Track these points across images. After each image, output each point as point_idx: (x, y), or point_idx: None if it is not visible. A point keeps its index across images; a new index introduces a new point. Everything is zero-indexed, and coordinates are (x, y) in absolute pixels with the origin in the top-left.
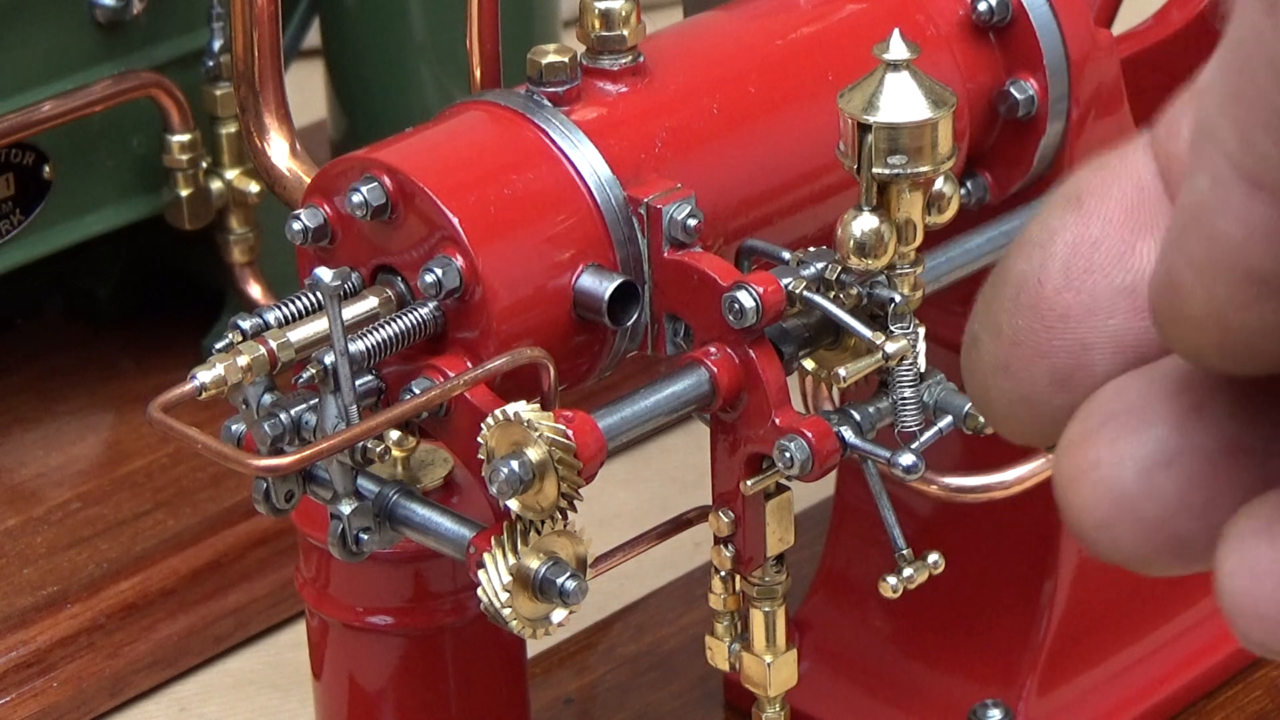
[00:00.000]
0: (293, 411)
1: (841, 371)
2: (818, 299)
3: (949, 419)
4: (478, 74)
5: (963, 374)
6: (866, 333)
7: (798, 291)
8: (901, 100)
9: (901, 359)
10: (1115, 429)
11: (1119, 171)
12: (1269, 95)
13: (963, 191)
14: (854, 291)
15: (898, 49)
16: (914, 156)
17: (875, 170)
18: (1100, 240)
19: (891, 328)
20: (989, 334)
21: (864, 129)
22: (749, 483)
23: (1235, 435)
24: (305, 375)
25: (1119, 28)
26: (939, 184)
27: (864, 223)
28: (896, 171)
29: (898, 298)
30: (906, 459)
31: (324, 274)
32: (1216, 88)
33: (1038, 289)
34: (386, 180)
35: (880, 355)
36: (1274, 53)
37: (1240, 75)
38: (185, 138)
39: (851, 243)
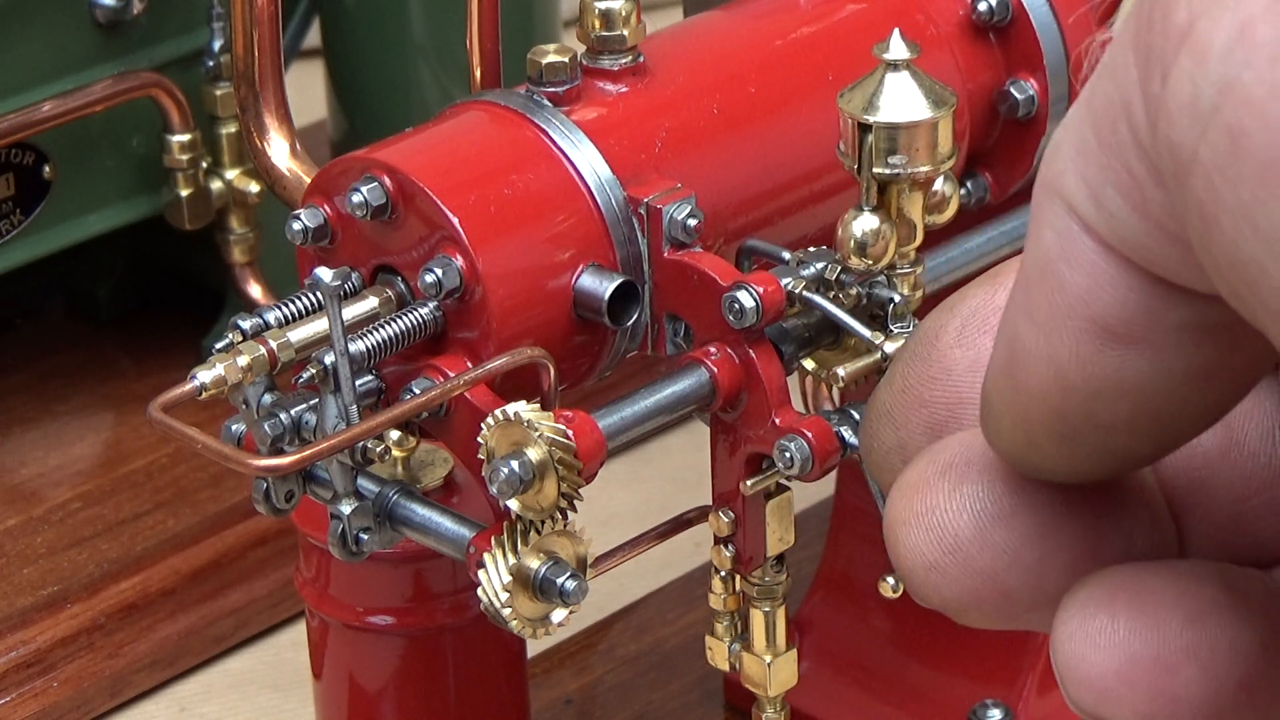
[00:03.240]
0: (293, 411)
1: (841, 371)
2: (817, 299)
3: None
4: (478, 74)
5: (862, 419)
6: (866, 333)
7: (798, 291)
8: (901, 100)
9: None
10: (955, 477)
11: None
12: (1123, 155)
13: (963, 191)
14: (854, 291)
15: (898, 49)
16: (914, 156)
17: (875, 170)
18: (1002, 308)
19: (891, 327)
20: (884, 381)
21: (864, 129)
22: (749, 483)
23: (1068, 499)
24: (305, 375)
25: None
26: (939, 184)
27: (864, 223)
28: (896, 171)
29: (898, 298)
30: None
31: (324, 274)
32: (1069, 142)
33: (932, 342)
34: (386, 180)
35: (880, 355)
36: (1134, 111)
37: (1096, 132)
38: (185, 138)
39: (852, 243)
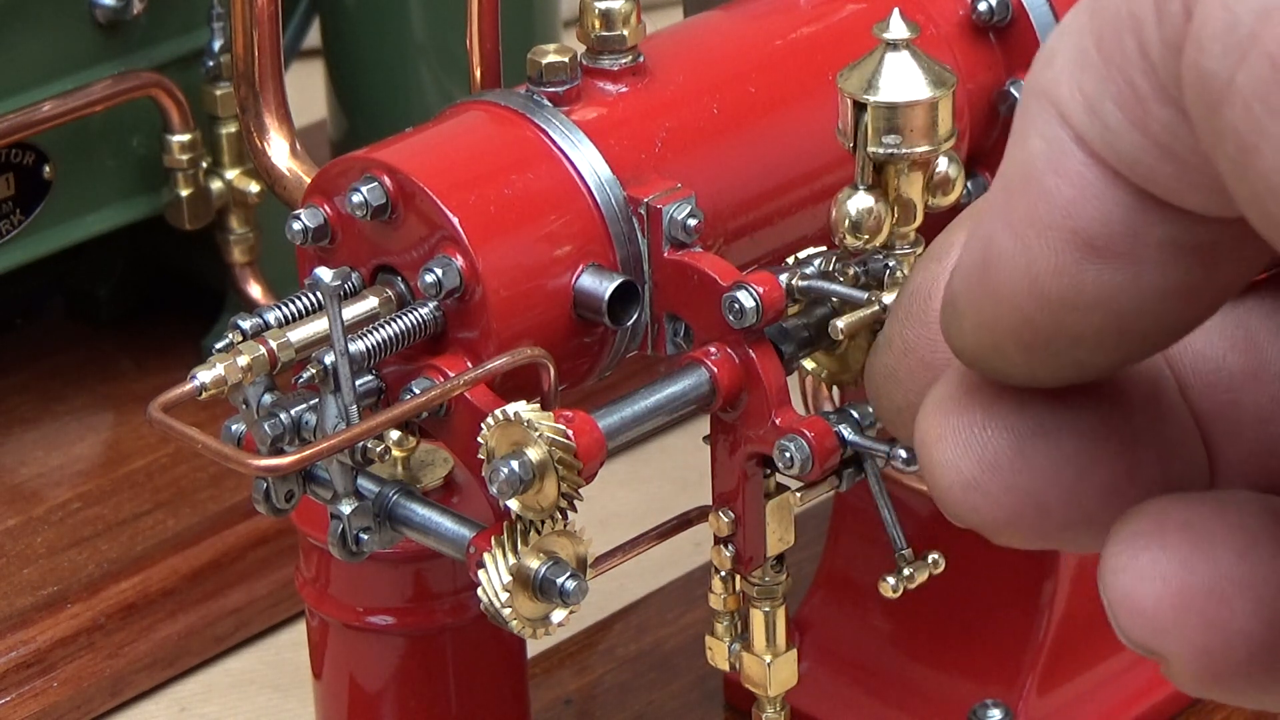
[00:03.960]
0: (293, 411)
1: (839, 323)
2: (812, 281)
3: None
4: (478, 74)
5: (865, 378)
6: (860, 295)
7: (794, 281)
8: (901, 79)
9: None
10: (991, 394)
11: None
12: (1127, 69)
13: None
14: (851, 271)
15: (897, 28)
16: (910, 136)
17: (871, 149)
18: None
19: (887, 287)
20: (884, 342)
21: (860, 108)
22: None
23: (1105, 419)
24: (305, 375)
25: None
26: (943, 165)
27: (859, 201)
28: (891, 151)
29: (893, 262)
30: (904, 450)
31: (324, 274)
32: (1066, 50)
33: (927, 302)
34: (386, 180)
35: (879, 306)
36: (1147, 31)
37: (1098, 43)
38: (185, 138)
39: (846, 221)
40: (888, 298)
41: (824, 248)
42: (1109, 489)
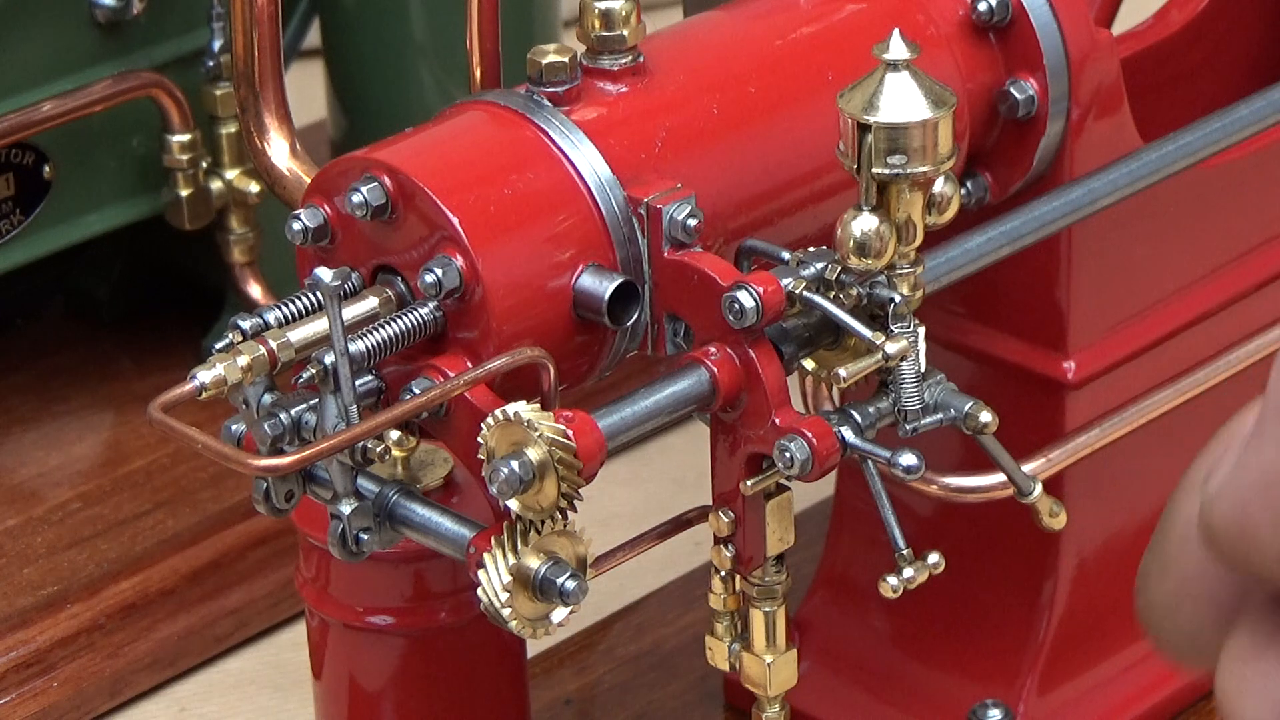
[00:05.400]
0: (293, 411)
1: (842, 372)
2: (817, 299)
3: (950, 412)
4: (478, 74)
5: (1138, 604)
6: (866, 333)
7: (797, 292)
8: (901, 100)
9: (902, 358)
10: None
11: None
12: None
13: (963, 191)
14: (854, 291)
15: (898, 49)
16: (914, 156)
17: (875, 170)
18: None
19: (892, 327)
20: (1159, 568)
21: (864, 129)
22: (749, 483)
23: None
24: (305, 375)
25: (1119, 28)
26: (939, 184)
27: (864, 223)
28: (896, 171)
29: (898, 298)
30: (906, 459)
31: (324, 274)
32: None
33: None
34: (386, 180)
35: (880, 355)
36: None
37: None
38: (185, 138)
39: (851, 243)
40: (892, 346)
41: (824, 248)
42: None
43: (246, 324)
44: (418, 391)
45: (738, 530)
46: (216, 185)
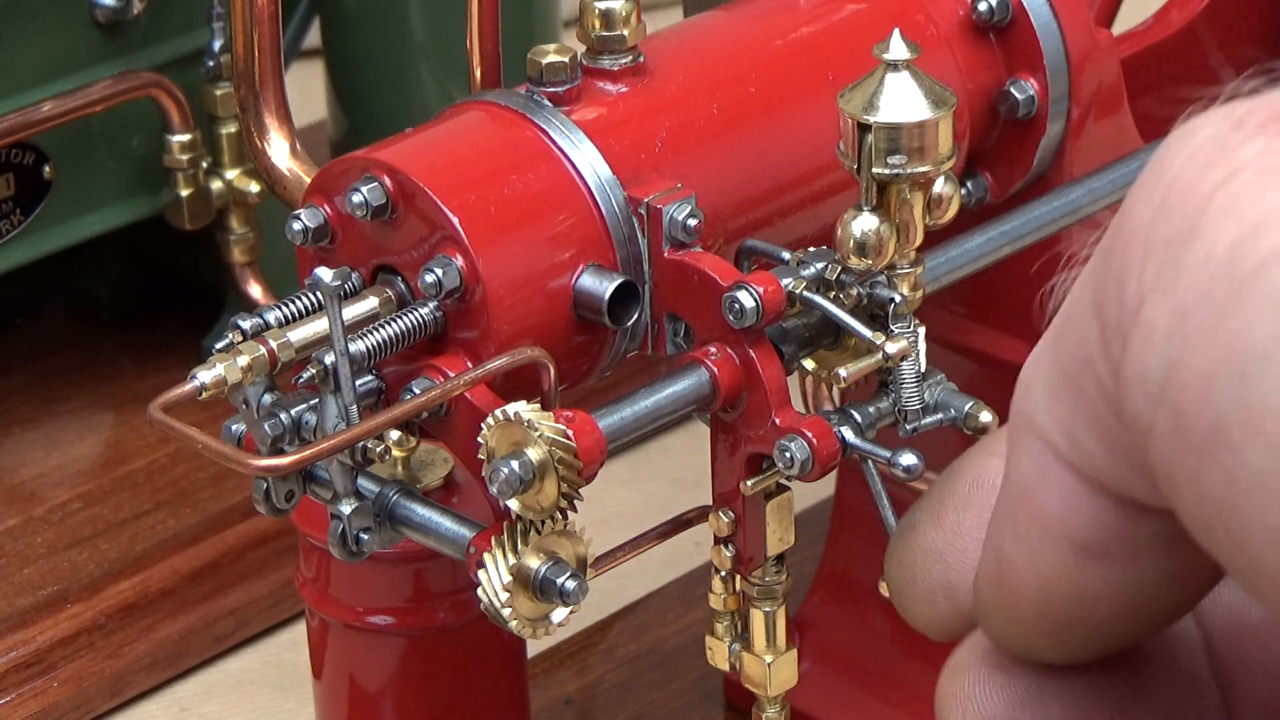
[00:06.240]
0: (293, 411)
1: (842, 372)
2: (818, 299)
3: (950, 412)
4: (478, 74)
5: (888, 556)
6: (866, 333)
7: (798, 292)
8: (901, 100)
9: (902, 358)
10: (993, 662)
11: None
12: (1089, 400)
13: (963, 191)
14: (854, 291)
15: (898, 49)
16: (914, 156)
17: (875, 170)
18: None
19: (892, 328)
20: (930, 522)
21: (864, 129)
22: (749, 483)
23: (1102, 679)
24: (305, 375)
25: (1119, 28)
26: (939, 184)
27: (864, 223)
28: (896, 171)
29: (897, 298)
30: (906, 459)
31: (324, 274)
32: (1040, 383)
33: (991, 491)
34: (386, 180)
35: (880, 355)
36: (1099, 368)
37: (1064, 378)
38: (185, 138)
39: (851, 243)
40: (892, 346)
41: (824, 248)
42: None
43: (246, 324)
44: (418, 391)
45: (738, 530)
46: (216, 185)
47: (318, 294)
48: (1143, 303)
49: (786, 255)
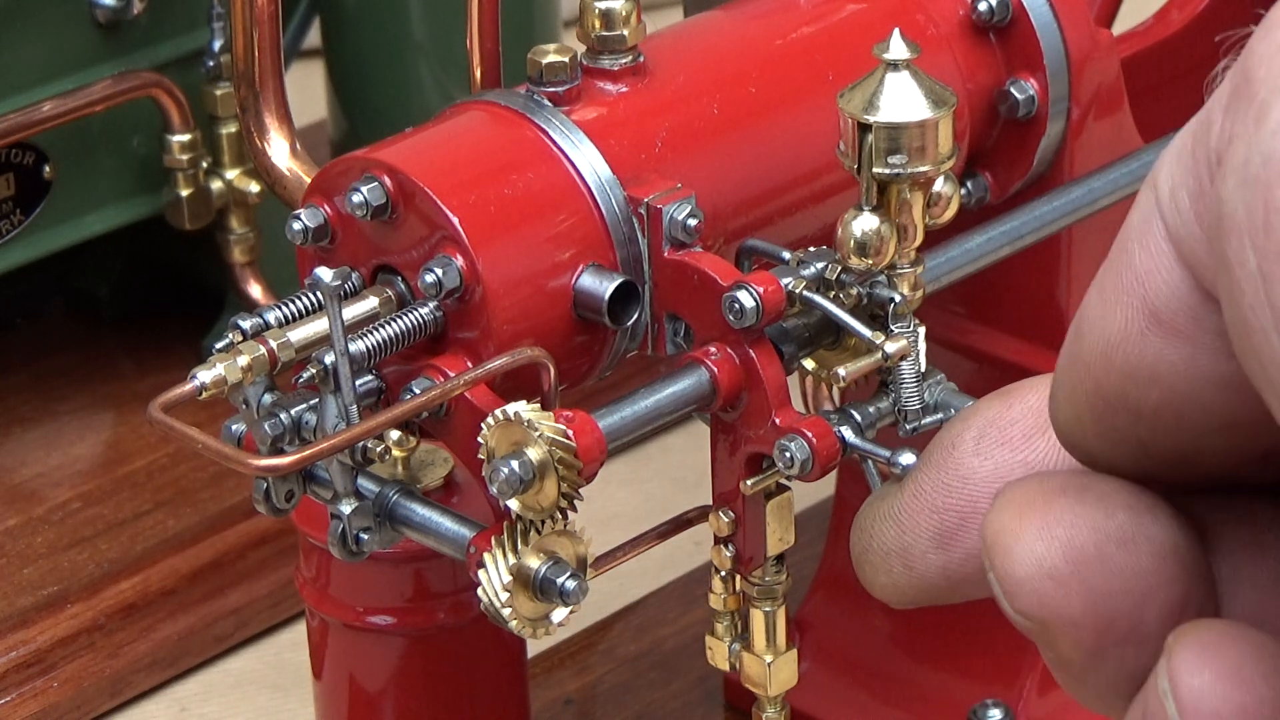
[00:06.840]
0: (293, 411)
1: (841, 372)
2: (818, 299)
3: (950, 412)
4: (478, 74)
5: (854, 521)
6: (866, 333)
7: (798, 292)
8: (901, 100)
9: (902, 358)
10: (1076, 495)
11: (1044, 380)
12: (1199, 168)
13: (963, 191)
14: (854, 291)
15: (898, 49)
16: (914, 156)
17: (875, 170)
18: (1017, 420)
19: (891, 327)
20: (889, 489)
21: (864, 129)
22: (749, 483)
23: (1175, 545)
24: (305, 375)
25: (1119, 28)
26: (939, 184)
27: (864, 223)
28: (897, 171)
29: (897, 297)
30: (906, 459)
31: (324, 274)
32: (1174, 143)
33: (949, 450)
34: (386, 180)
35: (880, 355)
36: (1212, 138)
37: (1190, 141)
38: (185, 138)
39: (851, 243)
40: (891, 346)
41: (824, 248)
42: (1167, 613)
43: (246, 324)
44: (418, 391)
45: (738, 530)
46: (216, 185)
47: (318, 294)
48: (1268, 93)
49: (786, 255)
